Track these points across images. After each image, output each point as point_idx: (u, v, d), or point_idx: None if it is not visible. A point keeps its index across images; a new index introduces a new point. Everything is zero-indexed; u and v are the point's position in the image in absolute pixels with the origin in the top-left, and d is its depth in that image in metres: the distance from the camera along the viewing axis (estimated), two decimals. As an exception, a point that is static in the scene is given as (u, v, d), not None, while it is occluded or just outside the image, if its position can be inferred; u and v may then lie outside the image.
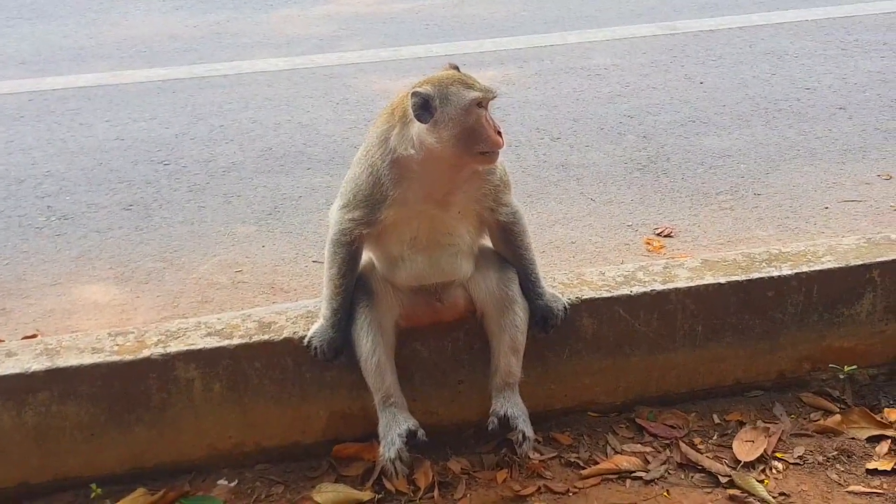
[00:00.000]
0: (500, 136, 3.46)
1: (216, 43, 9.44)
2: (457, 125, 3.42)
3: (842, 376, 4.34)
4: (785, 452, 3.99)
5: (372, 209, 3.62)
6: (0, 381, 3.68)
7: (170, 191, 6.31)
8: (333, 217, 3.77)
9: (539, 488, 3.83)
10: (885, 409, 4.20)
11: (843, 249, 4.33)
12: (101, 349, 3.80)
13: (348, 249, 3.71)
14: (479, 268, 3.88)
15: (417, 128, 3.47)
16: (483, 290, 3.86)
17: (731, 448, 4.01)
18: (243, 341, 3.85)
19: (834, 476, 3.87)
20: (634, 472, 3.91)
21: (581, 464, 3.96)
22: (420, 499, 3.79)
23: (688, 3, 10.11)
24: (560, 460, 3.99)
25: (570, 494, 3.81)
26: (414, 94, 3.44)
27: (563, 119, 7.31)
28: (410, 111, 3.45)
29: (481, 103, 3.45)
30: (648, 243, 5.48)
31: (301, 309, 4.06)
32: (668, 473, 3.91)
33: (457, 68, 3.61)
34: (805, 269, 4.20)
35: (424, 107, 3.43)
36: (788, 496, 3.76)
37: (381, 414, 3.77)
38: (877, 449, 4.00)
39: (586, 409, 4.24)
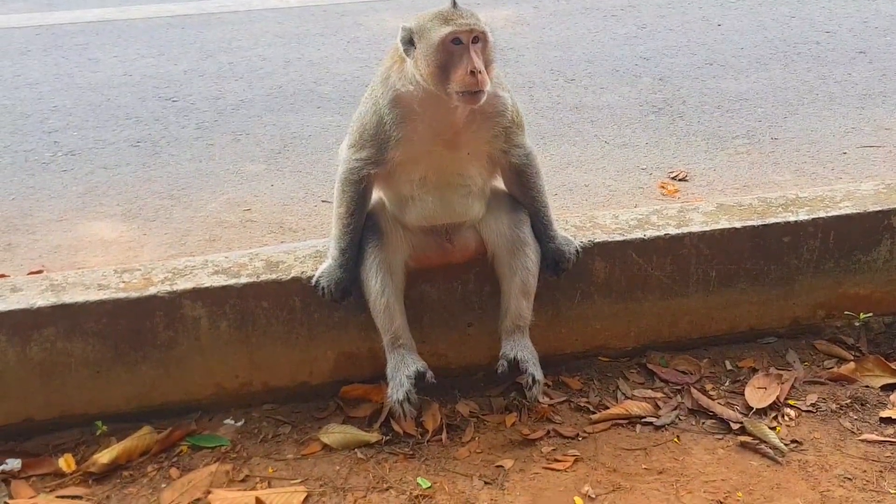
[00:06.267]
0: (475, 76, 3.31)
1: (226, -22, 9.32)
2: (430, 62, 3.35)
3: (857, 324, 4.29)
4: (797, 400, 3.96)
5: (379, 149, 3.56)
6: (5, 316, 3.64)
7: (178, 128, 6.25)
8: (342, 156, 3.71)
9: (548, 432, 3.80)
10: (900, 358, 4.16)
11: (861, 195, 4.26)
12: (107, 286, 3.76)
13: (357, 188, 3.65)
14: (490, 209, 3.82)
15: (410, 63, 3.43)
16: (494, 231, 3.80)
17: (742, 395, 3.98)
18: (251, 280, 3.80)
19: (847, 424, 3.84)
20: (645, 417, 3.88)
21: (591, 408, 3.93)
22: (428, 441, 3.76)
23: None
24: (570, 405, 3.96)
25: (580, 439, 3.78)
26: (402, 29, 3.43)
27: (578, 60, 7.20)
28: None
29: (458, 40, 3.34)
30: (663, 187, 5.41)
31: (309, 248, 4.01)
32: (679, 419, 3.88)
33: (454, 3, 3.49)
34: (822, 214, 4.13)
35: (410, 41, 3.41)
36: (800, 443, 3.73)
37: (389, 355, 3.74)
38: (891, 397, 3.96)
39: (597, 354, 4.20)
